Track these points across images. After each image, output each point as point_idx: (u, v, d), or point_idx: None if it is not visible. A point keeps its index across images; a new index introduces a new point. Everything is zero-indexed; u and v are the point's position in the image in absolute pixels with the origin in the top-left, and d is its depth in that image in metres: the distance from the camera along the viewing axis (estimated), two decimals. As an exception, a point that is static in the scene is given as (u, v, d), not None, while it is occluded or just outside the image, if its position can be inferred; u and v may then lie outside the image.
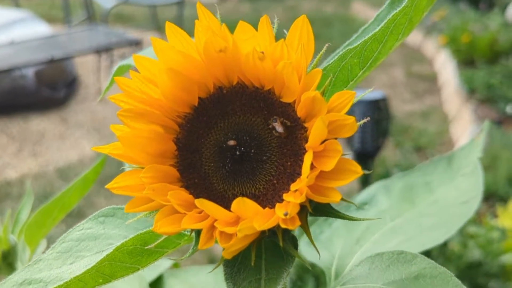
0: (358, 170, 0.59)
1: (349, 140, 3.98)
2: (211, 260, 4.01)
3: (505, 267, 2.98)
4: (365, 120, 0.64)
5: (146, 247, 0.69)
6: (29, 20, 8.04)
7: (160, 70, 0.63)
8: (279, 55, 0.62)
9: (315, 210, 0.65)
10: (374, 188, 1.20)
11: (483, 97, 6.66)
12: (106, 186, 0.64)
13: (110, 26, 9.18)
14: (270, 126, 0.67)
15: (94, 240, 0.79)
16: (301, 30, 0.63)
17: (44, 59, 6.77)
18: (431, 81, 8.11)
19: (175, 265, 1.45)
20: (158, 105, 0.66)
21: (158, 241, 0.68)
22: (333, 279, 1.01)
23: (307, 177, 0.58)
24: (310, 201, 0.63)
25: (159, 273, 1.35)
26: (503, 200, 4.28)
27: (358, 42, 0.72)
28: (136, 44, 7.46)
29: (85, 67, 8.18)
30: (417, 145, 6.15)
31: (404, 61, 8.73)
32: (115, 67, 0.96)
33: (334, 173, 0.60)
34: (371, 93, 3.67)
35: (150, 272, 1.33)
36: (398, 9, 0.71)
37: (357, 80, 0.76)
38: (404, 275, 0.75)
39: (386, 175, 4.07)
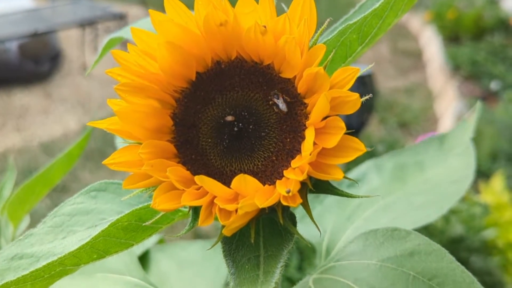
0: (361, 148, 0.58)
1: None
2: (197, 235, 4.02)
3: (487, 242, 3.00)
4: (367, 97, 0.63)
5: (142, 224, 0.68)
6: (13, -7, 7.93)
7: (159, 44, 0.61)
8: (281, 30, 0.61)
9: (315, 187, 0.64)
10: (365, 166, 1.19)
11: (467, 73, 6.68)
12: (103, 162, 0.63)
13: (94, 0, 9.06)
14: (271, 102, 0.66)
15: (86, 214, 0.78)
16: (303, 4, 0.62)
17: (27, 33, 6.71)
18: (416, 57, 8.12)
19: (160, 241, 1.44)
20: (156, 79, 0.65)
21: (156, 218, 0.67)
22: (324, 255, 1.01)
23: (310, 154, 0.58)
24: (310, 178, 0.62)
25: (146, 248, 1.35)
26: (486, 176, 4.30)
27: (358, 18, 0.71)
28: (121, 18, 7.39)
29: (69, 41, 8.09)
30: (401, 121, 6.16)
31: (390, 37, 8.71)
32: (105, 40, 0.94)
33: (336, 150, 0.59)
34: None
35: (137, 247, 1.33)
36: (399, -16, 0.70)
37: (355, 56, 0.75)
38: (399, 251, 0.76)
39: (371, 151, 4.08)
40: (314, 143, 0.60)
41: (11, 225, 1.28)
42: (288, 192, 0.57)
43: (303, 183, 0.62)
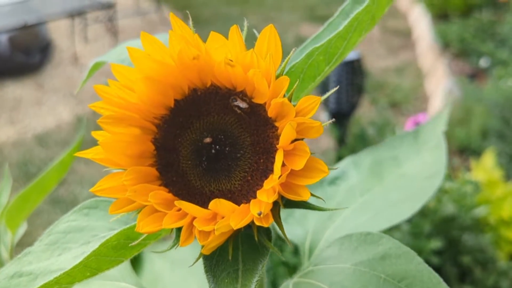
0: (325, 169, 0.64)
1: (325, 101, 4.03)
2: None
3: (478, 220, 3.04)
4: (334, 89, 0.68)
5: (130, 244, 0.73)
6: (0, -15, 7.91)
7: (137, 79, 0.67)
8: (249, 63, 0.66)
9: (287, 204, 0.70)
10: (344, 163, 1.24)
11: (457, 51, 6.70)
12: (90, 190, 0.68)
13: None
14: (233, 106, 0.70)
15: (80, 232, 0.84)
16: (269, 39, 0.67)
17: (17, 25, 6.70)
18: (405, 36, 8.14)
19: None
20: (136, 108, 0.70)
21: (141, 238, 0.72)
22: (307, 254, 1.06)
23: (279, 178, 0.63)
24: (282, 196, 0.68)
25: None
26: (476, 153, 4.34)
27: (324, 40, 0.76)
28: (109, 7, 7.40)
29: (58, 31, 8.09)
30: (392, 101, 6.20)
31: (379, 16, 8.69)
32: (90, 63, 0.99)
33: (303, 171, 0.65)
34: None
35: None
36: (361, 8, 0.75)
37: (323, 75, 0.80)
38: (372, 255, 0.81)
39: (361, 134, 4.13)
40: (284, 165, 0.65)
41: (9, 232, 1.32)
42: (259, 214, 0.62)
43: (275, 202, 0.67)
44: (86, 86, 1.05)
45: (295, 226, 1.11)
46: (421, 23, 7.90)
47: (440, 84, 5.97)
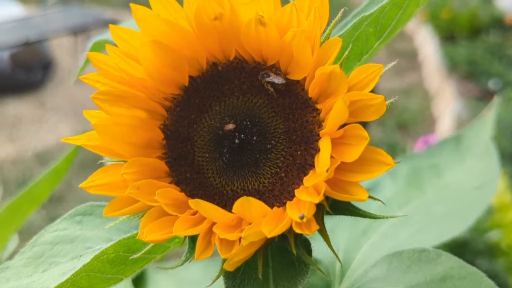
0: (388, 161, 0.48)
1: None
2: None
3: (492, 244, 2.95)
4: (392, 100, 0.53)
5: (131, 257, 0.58)
6: (3, 1, 7.84)
7: (143, 43, 0.52)
8: (287, 22, 0.51)
9: (332, 208, 0.54)
10: (376, 172, 1.09)
11: (464, 73, 6.61)
12: (79, 186, 0.53)
13: (86, 7, 8.97)
14: (265, 83, 0.56)
15: (70, 243, 0.68)
16: (314, -9, 0.52)
17: (19, 41, 6.61)
18: (411, 57, 8.04)
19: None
20: (142, 85, 0.55)
21: (145, 250, 0.56)
22: (338, 275, 0.91)
23: (327, 171, 0.47)
24: (327, 198, 0.52)
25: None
26: (489, 176, 4.21)
27: (374, 8, 0.61)
28: (113, 24, 7.31)
29: (61, 49, 7.99)
30: (400, 123, 6.09)
31: (385, 38, 8.62)
32: (90, 43, 0.83)
33: (358, 164, 0.49)
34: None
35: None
36: (421, -32, 0.60)
37: (372, 53, 0.65)
38: (429, 276, 0.66)
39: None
40: (331, 157, 0.50)
41: (-3, 246, 1.19)
42: (301, 217, 0.47)
43: (318, 205, 0.51)
44: (87, 103, 0.89)
45: (322, 241, 0.95)
46: (427, 44, 7.80)
47: (448, 106, 5.88)
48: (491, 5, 8.30)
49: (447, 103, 6.01)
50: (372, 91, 0.50)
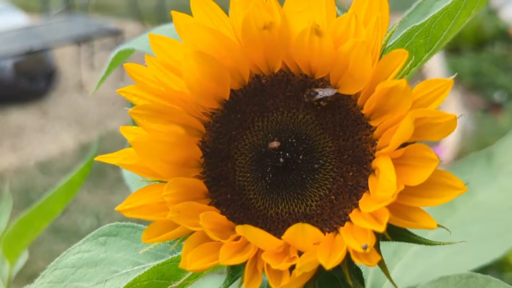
0: (458, 185, 0.44)
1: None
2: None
3: (500, 259, 2.92)
4: (459, 116, 0.49)
5: (168, 284, 0.53)
6: (7, 10, 7.82)
7: (186, 54, 0.47)
8: (343, 32, 0.47)
9: (388, 233, 0.50)
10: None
11: (469, 84, 6.58)
12: (116, 209, 0.48)
13: (90, 16, 8.95)
14: (314, 101, 0.51)
15: (94, 266, 0.64)
16: (373, -3, 0.48)
17: (22, 50, 6.59)
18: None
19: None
20: (180, 99, 0.51)
21: (186, 276, 0.52)
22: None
23: (392, 196, 0.43)
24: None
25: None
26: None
27: (425, 19, 0.57)
28: (117, 34, 7.28)
29: (65, 58, 7.96)
30: (405, 135, 6.06)
31: (390, 49, 8.60)
32: (112, 53, 0.79)
33: (423, 188, 0.45)
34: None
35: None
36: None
37: (420, 65, 0.61)
38: (478, 304, 0.61)
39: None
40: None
41: (7, 262, 1.14)
42: (365, 248, 0.43)
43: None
44: (90, 113, 0.84)
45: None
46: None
47: (453, 118, 5.85)
48: (496, 17, 8.28)
49: (452, 115, 5.98)
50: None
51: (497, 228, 0.91)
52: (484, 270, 2.45)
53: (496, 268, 2.95)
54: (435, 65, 7.30)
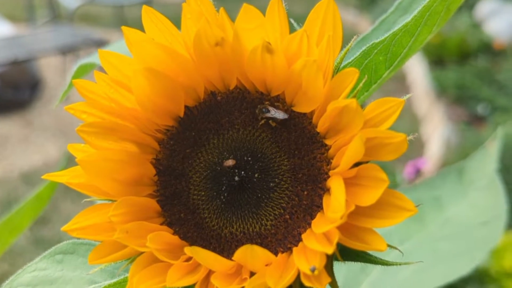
0: (409, 207, 0.43)
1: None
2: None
3: (481, 270, 2.92)
4: (411, 137, 0.48)
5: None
6: (-9, 20, 7.79)
7: (136, 71, 0.46)
8: (295, 50, 0.46)
9: (342, 253, 0.49)
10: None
11: (453, 97, 6.61)
12: (62, 229, 0.47)
13: (76, 26, 8.92)
14: (262, 121, 0.51)
15: (50, 285, 0.62)
16: (325, 15, 0.47)
17: (7, 60, 6.55)
18: (399, 81, 8.04)
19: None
20: (132, 116, 0.50)
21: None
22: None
23: (341, 217, 0.42)
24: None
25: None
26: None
27: (385, 36, 0.56)
28: (102, 44, 7.26)
29: (50, 68, 7.93)
30: (389, 146, 6.06)
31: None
32: (74, 66, 0.77)
33: (374, 209, 0.44)
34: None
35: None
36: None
37: (381, 82, 0.60)
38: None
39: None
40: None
41: (-30, 280, 1.11)
42: (313, 270, 0.42)
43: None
44: (75, 123, 0.83)
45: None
46: (416, 68, 7.81)
47: (436, 130, 5.86)
48: (479, 30, 8.33)
49: (435, 127, 5.99)
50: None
51: (466, 244, 0.91)
52: (465, 281, 2.45)
53: (477, 279, 2.95)
54: (419, 78, 7.34)
